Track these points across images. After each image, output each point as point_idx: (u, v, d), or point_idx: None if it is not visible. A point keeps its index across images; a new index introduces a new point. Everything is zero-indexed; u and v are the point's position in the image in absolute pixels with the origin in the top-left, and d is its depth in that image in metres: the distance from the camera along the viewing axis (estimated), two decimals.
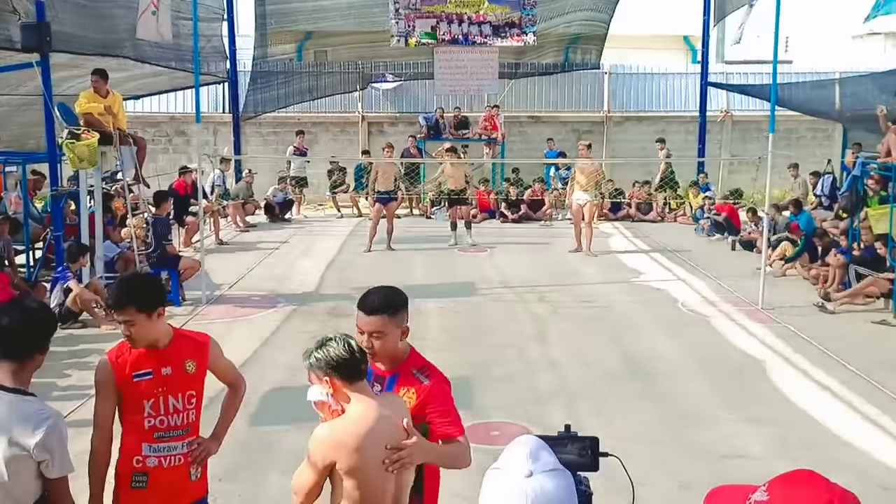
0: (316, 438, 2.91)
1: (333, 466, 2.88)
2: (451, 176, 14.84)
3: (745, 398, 7.23)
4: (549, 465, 1.65)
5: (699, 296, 10.96)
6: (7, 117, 12.84)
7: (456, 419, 3.18)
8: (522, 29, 18.43)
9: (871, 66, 19.31)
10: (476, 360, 8.23)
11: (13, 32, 9.70)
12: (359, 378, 2.96)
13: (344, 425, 2.90)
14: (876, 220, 11.00)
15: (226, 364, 3.78)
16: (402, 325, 3.19)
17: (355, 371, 2.95)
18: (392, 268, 12.55)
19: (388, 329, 3.12)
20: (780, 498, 1.46)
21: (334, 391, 2.96)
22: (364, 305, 3.15)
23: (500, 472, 1.64)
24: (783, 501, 1.45)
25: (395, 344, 3.18)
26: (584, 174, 13.83)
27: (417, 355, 3.30)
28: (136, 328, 3.40)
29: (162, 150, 19.58)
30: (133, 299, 3.40)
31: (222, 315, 9.85)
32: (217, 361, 3.69)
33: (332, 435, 2.89)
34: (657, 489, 5.46)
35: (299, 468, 2.98)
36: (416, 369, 3.21)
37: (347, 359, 2.92)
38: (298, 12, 18.65)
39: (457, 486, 4.04)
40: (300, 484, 2.95)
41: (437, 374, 3.24)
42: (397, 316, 3.17)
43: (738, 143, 20.23)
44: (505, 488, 1.61)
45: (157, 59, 14.03)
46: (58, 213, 10.82)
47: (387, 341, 3.13)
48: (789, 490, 1.47)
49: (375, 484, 2.89)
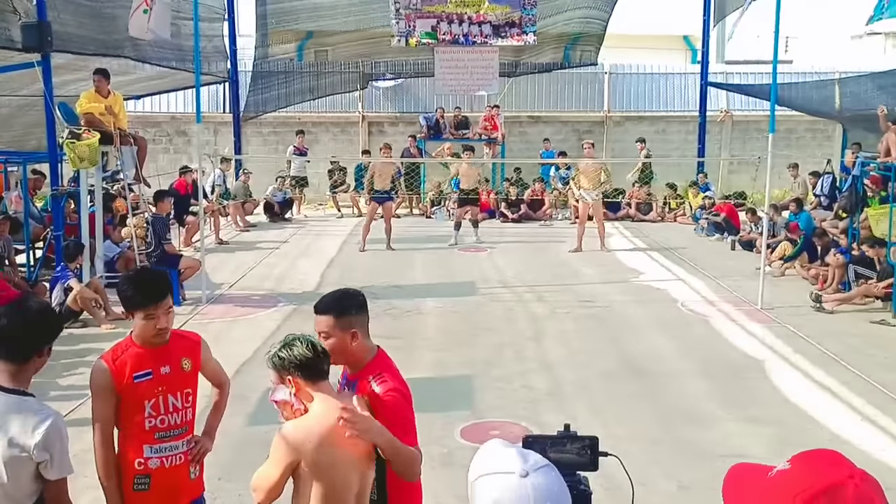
0: (280, 436, 2.93)
1: (297, 465, 2.90)
2: (465, 175, 14.93)
3: (744, 398, 7.24)
4: (538, 461, 1.67)
5: (699, 296, 10.97)
6: (8, 117, 12.86)
7: (408, 430, 3.08)
8: (523, 29, 18.42)
9: (871, 65, 19.31)
10: (475, 359, 8.25)
11: (14, 32, 9.71)
12: (322, 378, 2.99)
13: (307, 423, 2.93)
14: (876, 220, 11.00)
15: (214, 365, 3.83)
16: (349, 328, 3.11)
17: (318, 371, 2.98)
18: (392, 267, 12.57)
19: (333, 331, 3.09)
20: (802, 468, 1.50)
21: (297, 390, 2.98)
22: (315, 305, 3.19)
23: (492, 476, 1.64)
24: (805, 470, 1.49)
25: (345, 346, 3.11)
26: (587, 174, 13.86)
27: (380, 361, 3.22)
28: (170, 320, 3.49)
29: (163, 149, 19.60)
30: (170, 291, 3.51)
31: (222, 314, 9.86)
32: (208, 362, 3.74)
33: (296, 433, 2.91)
34: (656, 489, 5.47)
35: (262, 466, 2.99)
36: (372, 376, 3.13)
37: (311, 358, 2.95)
38: (299, 11, 18.65)
39: (460, 489, 4.05)
40: (262, 481, 2.96)
41: (392, 382, 3.12)
42: (342, 318, 3.11)
43: (737, 143, 20.24)
44: (505, 492, 1.61)
45: (158, 60, 14.05)
46: (58, 213, 10.83)
47: (334, 343, 3.09)
48: (812, 463, 1.51)
49: (339, 482, 2.92)
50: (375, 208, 13.98)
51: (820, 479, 1.45)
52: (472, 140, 18.69)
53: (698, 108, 19.11)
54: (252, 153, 19.34)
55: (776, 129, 10.76)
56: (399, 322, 9.59)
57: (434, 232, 15.85)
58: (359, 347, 3.17)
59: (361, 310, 3.21)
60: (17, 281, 10.28)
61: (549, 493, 1.61)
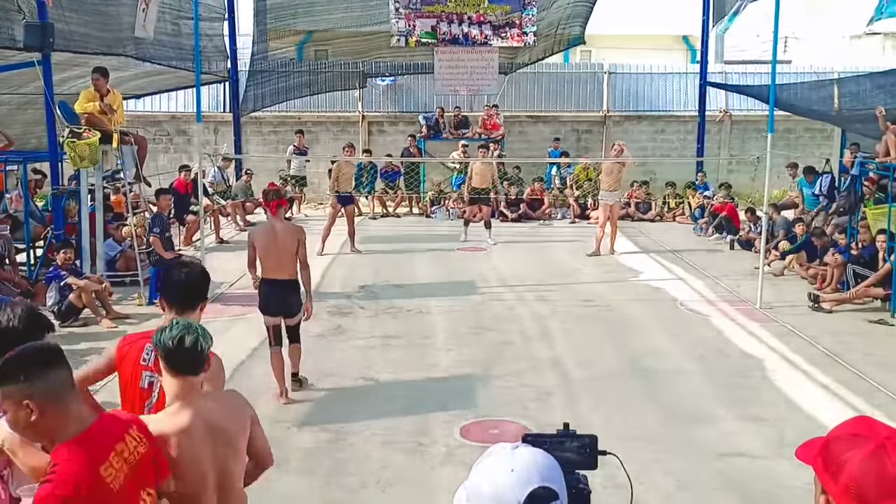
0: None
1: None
2: (479, 174, 14.77)
3: (743, 397, 7.26)
4: (523, 445, 1.80)
5: (698, 295, 10.99)
6: (8, 116, 12.87)
7: None
8: (522, 29, 18.45)
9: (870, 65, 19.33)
10: (475, 358, 8.27)
11: (16, 32, 9.72)
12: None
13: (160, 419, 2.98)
14: (874, 220, 11.03)
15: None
16: (21, 400, 2.42)
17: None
18: (392, 266, 12.59)
19: (3, 403, 2.50)
20: (840, 428, 1.72)
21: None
22: None
23: (484, 459, 1.72)
24: (842, 429, 1.71)
25: (24, 424, 2.45)
26: (610, 175, 13.52)
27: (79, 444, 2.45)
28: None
29: (163, 149, 19.60)
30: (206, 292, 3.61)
31: (222, 313, 9.88)
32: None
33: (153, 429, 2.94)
34: (656, 487, 5.49)
35: None
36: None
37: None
38: (297, 6, 18.64)
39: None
40: None
41: (52, 484, 2.37)
42: (7, 387, 2.44)
43: (736, 143, 20.27)
44: (494, 463, 1.71)
45: (159, 59, 14.07)
46: (59, 212, 10.85)
47: (9, 420, 2.50)
48: (848, 426, 1.72)
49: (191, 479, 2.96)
50: (338, 210, 13.65)
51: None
52: (472, 140, 18.71)
53: (697, 108, 19.13)
54: (252, 152, 19.35)
55: (775, 129, 10.79)
56: (399, 321, 9.61)
57: (434, 231, 15.87)
58: (49, 423, 2.45)
59: (44, 372, 2.45)
60: (18, 280, 10.31)
61: (533, 462, 1.71)
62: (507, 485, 1.66)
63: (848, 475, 1.61)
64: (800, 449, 1.77)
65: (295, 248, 7.04)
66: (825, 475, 1.67)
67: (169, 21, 14.34)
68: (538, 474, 1.68)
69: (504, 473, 1.67)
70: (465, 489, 1.73)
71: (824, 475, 1.67)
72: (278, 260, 7.03)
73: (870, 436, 1.64)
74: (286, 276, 7.08)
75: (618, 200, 13.82)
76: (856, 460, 1.61)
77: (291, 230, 7.19)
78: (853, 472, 1.60)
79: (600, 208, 13.80)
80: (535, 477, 1.67)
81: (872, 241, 10.67)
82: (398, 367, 8.01)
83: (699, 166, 18.33)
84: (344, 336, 9.02)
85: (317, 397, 7.17)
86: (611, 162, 13.70)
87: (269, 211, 7.25)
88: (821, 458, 1.69)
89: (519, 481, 1.66)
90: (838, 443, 1.67)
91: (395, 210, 18.33)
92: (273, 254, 7.03)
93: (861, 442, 1.63)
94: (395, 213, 18.28)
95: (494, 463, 1.71)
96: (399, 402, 7.08)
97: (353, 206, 14.11)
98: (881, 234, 10.48)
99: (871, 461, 1.59)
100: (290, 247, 7.04)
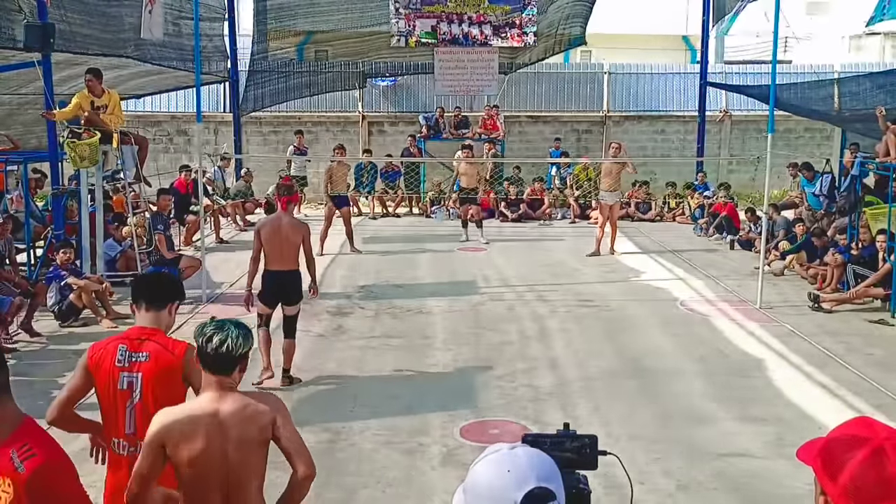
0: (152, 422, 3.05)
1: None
2: (465, 174, 14.76)
3: (743, 397, 7.26)
4: (521, 445, 1.80)
5: (698, 295, 10.99)
6: (9, 116, 12.87)
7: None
8: (523, 29, 18.45)
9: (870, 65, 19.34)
10: (476, 358, 8.28)
11: (17, 32, 9.72)
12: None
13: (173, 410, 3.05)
14: (874, 220, 11.04)
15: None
16: None
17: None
18: (392, 266, 12.59)
19: None
20: (840, 429, 1.73)
21: None
22: None
23: (484, 465, 1.73)
24: (842, 430, 1.71)
25: None
26: (609, 175, 13.54)
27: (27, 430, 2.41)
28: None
29: (163, 149, 19.61)
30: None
31: (222, 314, 9.87)
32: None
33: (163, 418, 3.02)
34: (655, 487, 5.50)
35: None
36: (14, 449, 2.33)
37: None
38: (297, 6, 18.65)
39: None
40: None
41: (40, 452, 2.34)
42: None
43: (737, 143, 20.27)
44: (493, 463, 1.71)
45: (159, 59, 14.07)
46: (59, 212, 10.85)
47: None
48: (848, 426, 1.73)
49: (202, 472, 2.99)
50: (333, 211, 13.61)
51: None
52: (472, 140, 18.71)
53: (697, 108, 19.13)
54: (252, 152, 19.35)
55: (775, 129, 10.79)
56: (400, 321, 9.62)
57: (434, 231, 15.87)
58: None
59: None
60: (18, 280, 10.30)
61: (531, 463, 1.71)
62: (504, 485, 1.66)
63: (847, 476, 1.61)
64: (800, 449, 1.77)
65: (299, 242, 7.34)
66: (824, 476, 1.67)
67: (169, 21, 14.34)
68: (535, 475, 1.68)
69: (501, 474, 1.68)
70: (462, 489, 1.73)
71: (824, 476, 1.68)
72: (281, 252, 7.32)
73: (869, 437, 1.64)
74: (288, 268, 7.39)
75: (617, 200, 13.82)
76: (855, 461, 1.61)
77: (297, 225, 7.45)
78: (852, 472, 1.61)
79: (600, 208, 13.82)
80: (533, 477, 1.68)
81: (872, 241, 10.68)
82: (398, 367, 8.01)
83: (699, 166, 18.33)
84: (344, 336, 9.03)
85: (317, 397, 7.18)
86: (610, 162, 13.70)
87: (280, 205, 7.51)
88: (820, 458, 1.70)
89: (516, 482, 1.66)
90: (838, 444, 1.68)
91: (395, 210, 18.33)
92: (277, 245, 7.30)
93: (860, 443, 1.64)
94: (396, 213, 18.28)
95: (491, 463, 1.71)
96: (399, 402, 7.08)
97: (348, 207, 14.10)
98: (881, 234, 10.48)
99: (871, 462, 1.60)
100: (294, 240, 7.32)
